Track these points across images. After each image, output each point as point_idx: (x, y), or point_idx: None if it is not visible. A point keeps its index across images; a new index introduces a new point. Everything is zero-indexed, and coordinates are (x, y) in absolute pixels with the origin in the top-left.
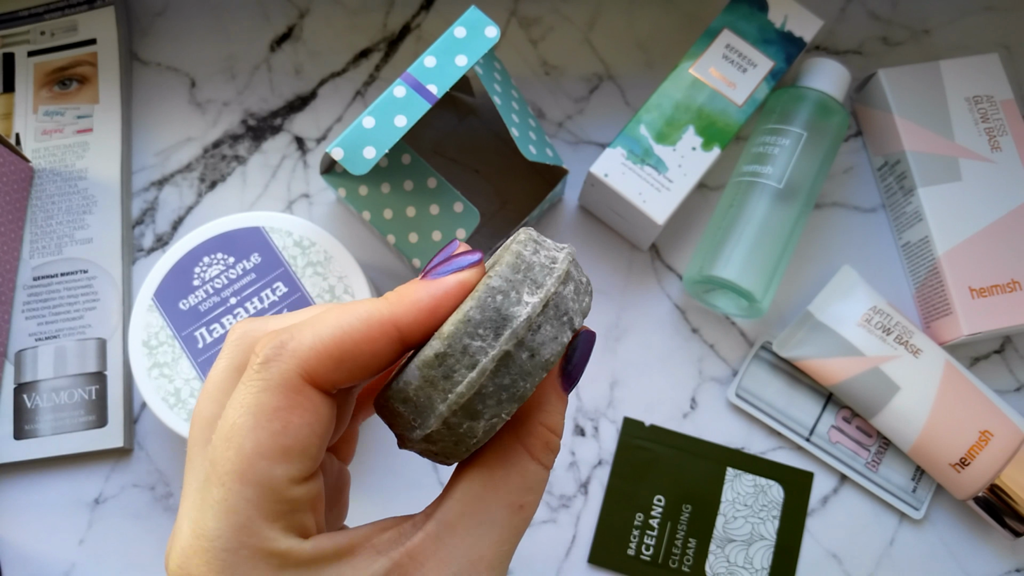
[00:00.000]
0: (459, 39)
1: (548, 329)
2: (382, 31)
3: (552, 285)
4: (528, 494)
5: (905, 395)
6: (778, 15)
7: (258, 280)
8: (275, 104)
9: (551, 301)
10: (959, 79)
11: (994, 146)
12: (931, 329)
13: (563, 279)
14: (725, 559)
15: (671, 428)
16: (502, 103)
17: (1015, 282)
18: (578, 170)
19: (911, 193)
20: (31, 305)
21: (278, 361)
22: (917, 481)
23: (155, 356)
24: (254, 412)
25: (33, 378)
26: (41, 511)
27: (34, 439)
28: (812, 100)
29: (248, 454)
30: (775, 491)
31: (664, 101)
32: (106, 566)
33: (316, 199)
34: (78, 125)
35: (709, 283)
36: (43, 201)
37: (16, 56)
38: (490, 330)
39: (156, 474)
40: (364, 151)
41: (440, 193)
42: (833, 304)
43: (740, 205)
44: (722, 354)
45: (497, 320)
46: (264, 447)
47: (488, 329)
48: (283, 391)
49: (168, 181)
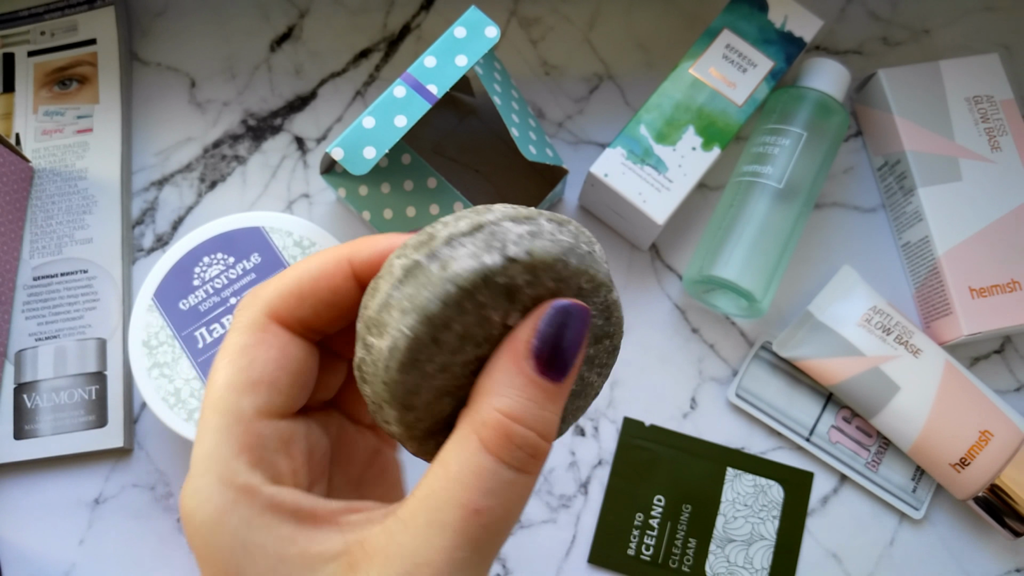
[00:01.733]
0: (459, 39)
1: (471, 247)
2: (382, 31)
3: (494, 216)
4: (486, 497)
5: (905, 395)
6: (778, 15)
7: (258, 280)
8: (275, 104)
9: (486, 227)
10: (959, 79)
11: (994, 146)
12: (931, 329)
13: (518, 218)
14: (725, 559)
15: (671, 428)
16: (502, 103)
17: (1015, 282)
18: (578, 170)
19: (911, 193)
20: (31, 305)
21: (248, 307)
22: (917, 481)
23: (155, 356)
24: (227, 351)
25: (33, 378)
26: (41, 511)
27: (34, 439)
28: (812, 100)
29: (218, 387)
30: (775, 491)
31: (664, 101)
32: (106, 566)
33: (316, 199)
34: (78, 125)
35: (709, 283)
36: (43, 201)
37: (16, 56)
38: (412, 247)
39: (156, 474)
40: (364, 151)
41: (440, 193)
42: (833, 304)
43: (740, 205)
44: (722, 354)
45: (423, 238)
46: (232, 380)
47: (411, 248)
48: (250, 330)
49: (168, 181)
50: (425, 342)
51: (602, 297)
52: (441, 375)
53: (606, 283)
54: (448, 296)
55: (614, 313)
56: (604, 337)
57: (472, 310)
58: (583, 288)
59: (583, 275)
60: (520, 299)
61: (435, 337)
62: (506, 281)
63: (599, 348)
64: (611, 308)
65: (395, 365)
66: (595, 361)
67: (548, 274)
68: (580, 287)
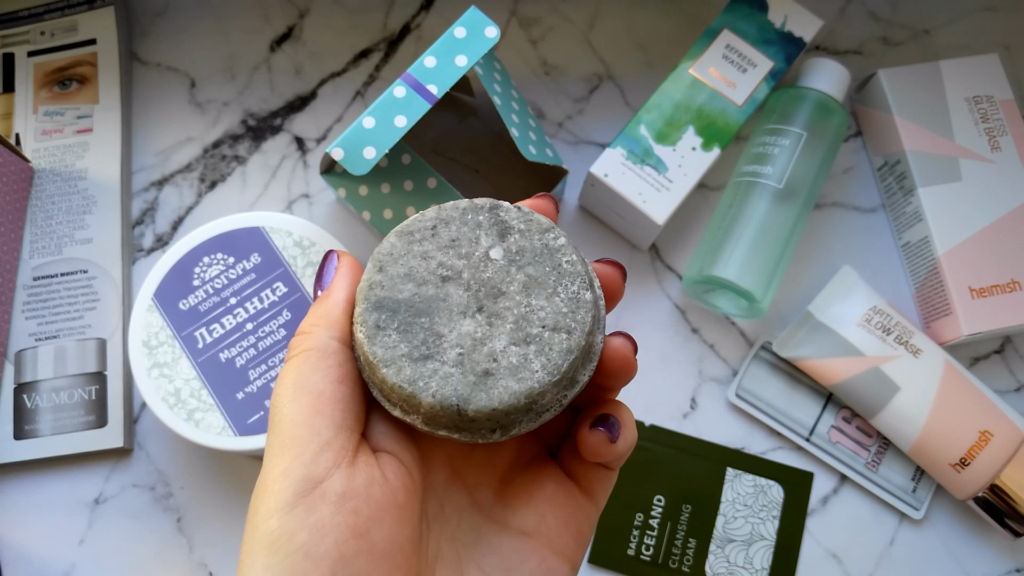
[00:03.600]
0: (459, 39)
1: None
2: (382, 31)
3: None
4: None
5: (905, 395)
6: (778, 15)
7: (258, 280)
8: (275, 104)
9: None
10: (959, 79)
11: (994, 146)
12: (931, 329)
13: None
14: (725, 559)
15: (671, 428)
16: (502, 103)
17: (1015, 282)
18: (578, 170)
19: (911, 193)
20: (31, 305)
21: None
22: (917, 481)
23: (155, 356)
24: None
25: (33, 378)
26: (41, 511)
27: (34, 439)
28: (812, 100)
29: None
30: (775, 491)
31: (664, 101)
32: (106, 566)
33: (316, 199)
34: (78, 125)
35: (709, 283)
36: (43, 201)
37: (16, 56)
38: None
39: (156, 474)
40: (364, 151)
41: (440, 193)
42: (833, 304)
43: (740, 205)
44: (722, 354)
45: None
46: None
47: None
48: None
49: (168, 181)
50: (427, 224)
51: (575, 287)
52: (420, 260)
53: (584, 276)
54: (461, 202)
55: (581, 313)
56: (563, 330)
57: (471, 223)
58: (562, 265)
59: (569, 255)
60: (508, 240)
61: (435, 225)
62: (505, 218)
63: (553, 337)
64: (579, 305)
65: (396, 229)
66: (544, 348)
67: (539, 235)
68: (560, 263)
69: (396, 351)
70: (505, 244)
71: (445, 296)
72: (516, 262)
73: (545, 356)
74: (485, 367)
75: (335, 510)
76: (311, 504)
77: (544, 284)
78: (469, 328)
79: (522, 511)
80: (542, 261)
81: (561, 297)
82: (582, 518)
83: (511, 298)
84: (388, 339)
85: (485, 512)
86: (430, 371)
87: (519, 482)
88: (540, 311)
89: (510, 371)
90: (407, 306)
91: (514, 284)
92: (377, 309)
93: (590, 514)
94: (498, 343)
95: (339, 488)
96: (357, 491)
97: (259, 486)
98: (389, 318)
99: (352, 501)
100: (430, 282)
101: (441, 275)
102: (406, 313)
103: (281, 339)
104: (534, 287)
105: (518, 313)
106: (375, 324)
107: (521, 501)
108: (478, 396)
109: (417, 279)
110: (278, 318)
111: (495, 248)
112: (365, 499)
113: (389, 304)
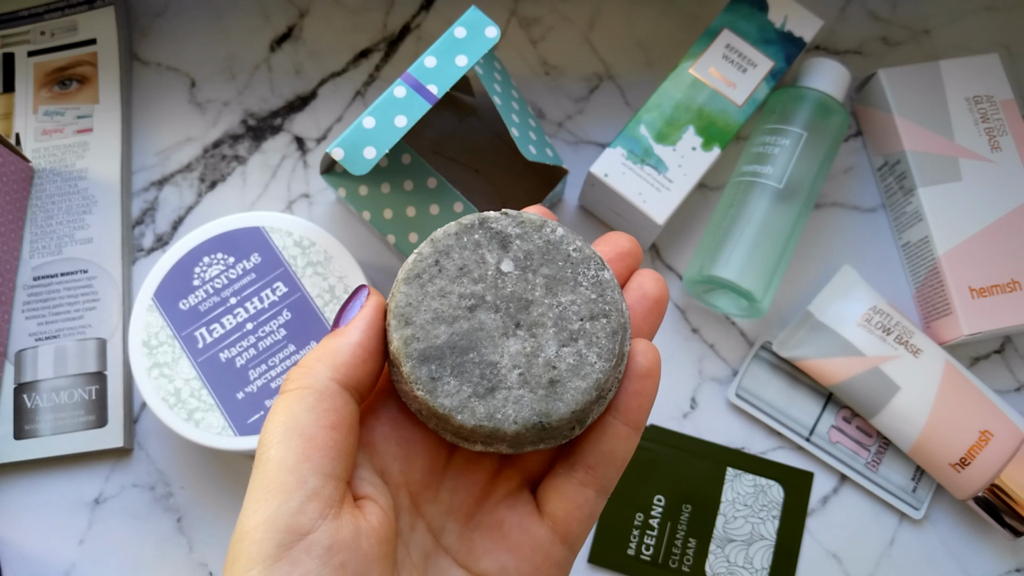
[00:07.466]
0: (459, 39)
1: None
2: (382, 31)
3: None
4: None
5: (905, 395)
6: (778, 15)
7: (258, 280)
8: (275, 104)
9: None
10: (959, 79)
11: (994, 146)
12: (931, 329)
13: None
14: (725, 559)
15: (671, 428)
16: (502, 103)
17: (1015, 282)
18: (578, 170)
19: (911, 193)
20: (31, 305)
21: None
22: (917, 481)
23: (155, 356)
24: None
25: (33, 378)
26: (41, 511)
27: (34, 439)
28: (812, 100)
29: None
30: (775, 491)
31: (664, 101)
32: (106, 566)
33: (316, 199)
34: (78, 125)
35: (709, 283)
36: (43, 201)
37: (16, 56)
38: None
39: (156, 474)
40: (364, 151)
41: (440, 193)
42: (833, 304)
43: (740, 205)
44: (722, 354)
45: None
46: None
47: None
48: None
49: (168, 181)
50: (428, 262)
51: (592, 272)
52: (440, 299)
53: (594, 257)
54: (449, 227)
55: (608, 293)
56: (600, 315)
57: (470, 245)
58: (571, 255)
59: (572, 243)
60: (512, 249)
61: (437, 260)
62: (499, 228)
63: (595, 325)
64: (604, 286)
65: (402, 277)
66: (592, 339)
67: (537, 233)
68: (569, 254)
69: (461, 395)
70: (511, 254)
71: (480, 325)
72: (529, 267)
73: (597, 346)
74: (549, 377)
75: (321, 564)
76: (295, 558)
77: (563, 279)
78: (517, 347)
79: (485, 558)
80: (552, 258)
81: (584, 285)
82: (550, 567)
83: (540, 304)
84: (448, 387)
85: (452, 555)
86: (501, 401)
87: (486, 525)
88: (572, 305)
89: (572, 371)
90: (450, 348)
91: (537, 290)
92: (424, 362)
93: (560, 560)
94: (550, 350)
95: (326, 541)
96: (345, 544)
97: (238, 532)
98: (439, 367)
99: (340, 555)
100: (460, 317)
101: (466, 306)
102: (452, 355)
103: (281, 339)
104: (556, 285)
105: (554, 316)
106: (429, 377)
107: (486, 548)
108: (555, 406)
109: (446, 319)
110: (278, 318)
111: (504, 261)
112: (352, 552)
113: (432, 353)
